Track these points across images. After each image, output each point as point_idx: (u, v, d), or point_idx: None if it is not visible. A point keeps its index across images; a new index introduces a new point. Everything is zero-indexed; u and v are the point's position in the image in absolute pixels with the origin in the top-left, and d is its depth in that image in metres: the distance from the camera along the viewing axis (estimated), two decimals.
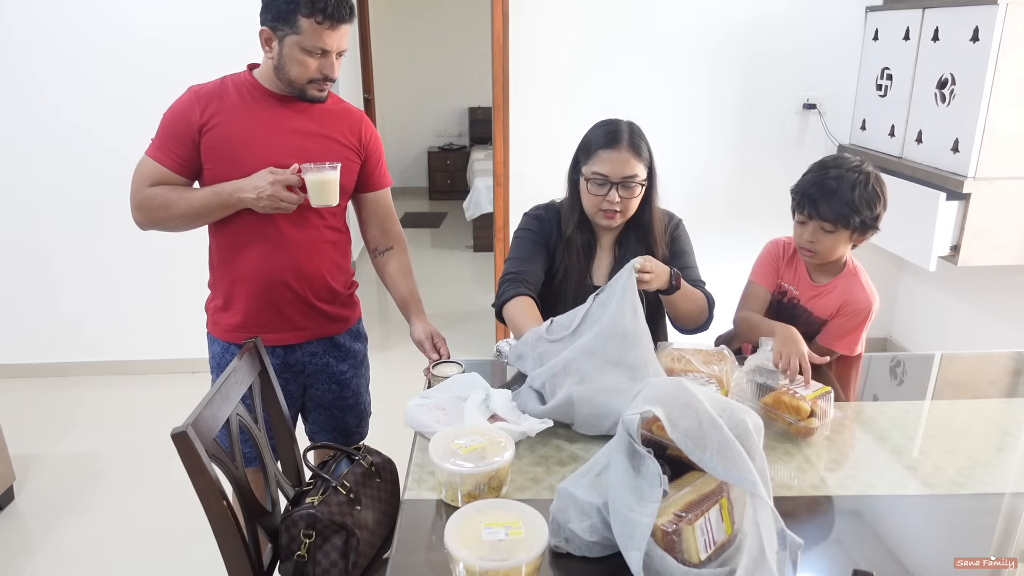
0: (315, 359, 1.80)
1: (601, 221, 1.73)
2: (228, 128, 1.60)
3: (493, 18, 3.25)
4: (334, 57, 1.59)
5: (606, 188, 1.67)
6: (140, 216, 1.64)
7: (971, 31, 2.65)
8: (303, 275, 1.71)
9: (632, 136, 1.68)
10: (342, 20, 1.54)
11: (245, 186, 1.56)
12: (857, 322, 1.77)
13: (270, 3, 1.54)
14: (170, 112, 1.63)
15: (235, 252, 1.69)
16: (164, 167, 1.60)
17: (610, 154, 1.66)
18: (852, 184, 1.65)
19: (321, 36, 1.53)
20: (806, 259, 1.78)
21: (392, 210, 1.90)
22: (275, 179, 1.53)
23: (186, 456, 1.18)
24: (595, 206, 1.71)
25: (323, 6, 1.50)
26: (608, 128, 1.70)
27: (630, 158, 1.66)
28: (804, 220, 1.72)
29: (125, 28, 3.19)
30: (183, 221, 1.63)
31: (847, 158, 1.73)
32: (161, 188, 1.60)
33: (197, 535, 1.63)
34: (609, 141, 1.67)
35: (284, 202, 1.55)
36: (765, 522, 0.98)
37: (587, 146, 1.71)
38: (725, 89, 3.42)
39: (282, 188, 1.54)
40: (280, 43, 1.56)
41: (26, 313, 3.53)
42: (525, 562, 0.98)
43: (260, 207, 1.56)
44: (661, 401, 1.04)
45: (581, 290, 1.77)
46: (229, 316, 1.74)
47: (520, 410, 1.47)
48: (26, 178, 3.33)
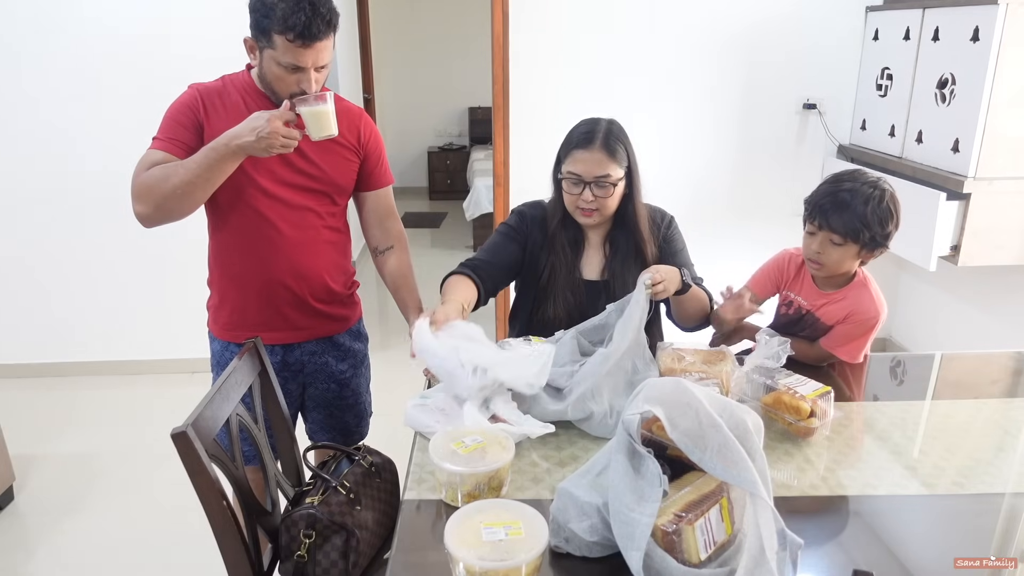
0: (314, 358, 1.80)
1: (579, 219, 1.75)
2: (229, 127, 1.59)
3: (493, 18, 3.25)
4: (311, 72, 1.53)
5: (580, 187, 1.69)
6: (140, 205, 1.54)
7: (971, 31, 2.65)
8: (301, 275, 1.70)
9: (607, 137, 1.68)
10: (314, 38, 1.47)
11: (242, 131, 1.46)
12: (862, 330, 1.75)
13: (251, 14, 1.51)
14: (173, 107, 1.62)
15: (233, 251, 1.69)
16: (169, 154, 1.56)
17: (584, 154, 1.67)
18: (866, 199, 1.62)
19: (294, 53, 1.48)
20: (813, 271, 1.76)
21: (393, 209, 1.89)
22: (272, 115, 1.45)
23: (186, 456, 1.18)
24: (572, 204, 1.73)
25: (293, 24, 1.44)
26: (585, 128, 1.71)
27: (603, 158, 1.66)
28: (814, 231, 1.69)
29: (123, 28, 3.19)
30: (184, 189, 1.51)
31: (864, 172, 1.70)
32: (156, 167, 1.53)
33: (197, 535, 1.63)
34: (584, 141, 1.68)
35: (286, 138, 1.46)
36: (765, 522, 0.98)
37: (566, 145, 1.73)
38: (725, 89, 3.42)
39: (281, 124, 1.45)
40: (260, 55, 1.55)
41: (26, 313, 3.53)
42: (525, 562, 0.98)
43: (261, 148, 1.46)
44: (661, 401, 1.04)
45: (571, 285, 1.78)
46: (227, 315, 1.74)
47: (523, 411, 1.47)
48: (26, 178, 3.33)
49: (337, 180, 1.71)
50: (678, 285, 1.65)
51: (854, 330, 1.75)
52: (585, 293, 1.79)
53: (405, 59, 7.41)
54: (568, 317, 1.76)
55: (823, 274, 1.75)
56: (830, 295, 1.78)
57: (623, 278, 1.77)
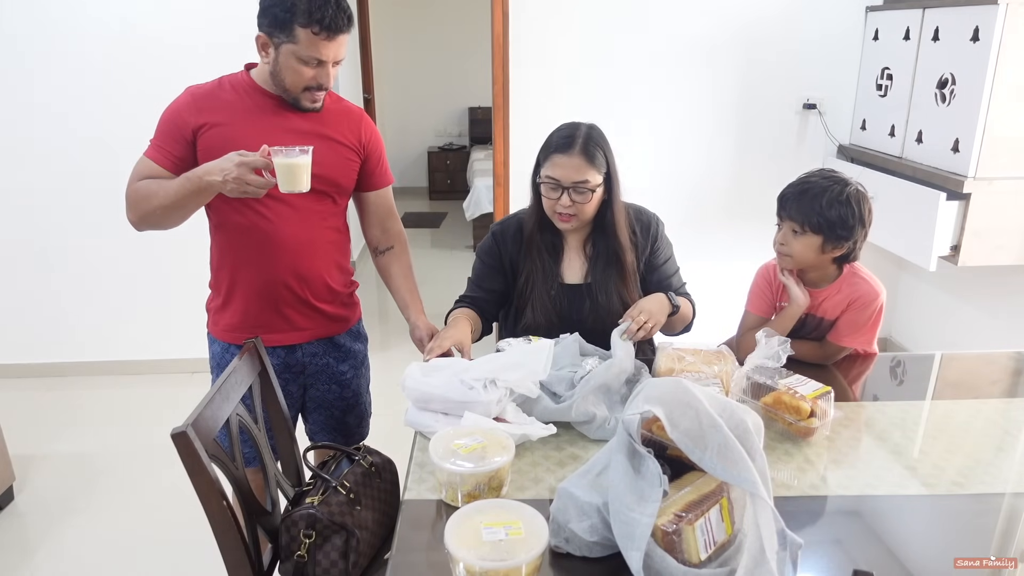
0: (315, 359, 1.80)
1: (557, 223, 1.75)
2: (225, 129, 1.59)
3: (493, 18, 3.25)
4: (330, 66, 1.57)
5: (558, 192, 1.68)
6: (130, 213, 1.61)
7: (971, 31, 2.65)
8: (302, 275, 1.70)
9: (586, 142, 1.67)
10: (339, 31, 1.52)
11: (213, 168, 1.47)
12: (868, 315, 1.77)
13: (267, 9, 1.52)
14: (167, 112, 1.62)
15: (235, 252, 1.69)
16: (158, 165, 1.59)
17: (563, 159, 1.66)
18: (824, 190, 1.69)
19: (317, 46, 1.51)
20: (782, 265, 1.81)
21: (393, 209, 1.89)
22: (241, 161, 1.44)
23: (186, 456, 1.18)
24: (550, 209, 1.73)
25: (320, 16, 1.47)
26: (565, 132, 1.70)
27: (582, 164, 1.66)
28: (779, 222, 1.78)
29: (125, 27, 3.19)
30: (163, 211, 1.56)
31: (835, 172, 1.76)
32: (145, 181, 1.58)
33: (197, 535, 1.63)
34: (563, 146, 1.67)
35: (250, 186, 1.46)
36: (765, 522, 0.98)
37: (545, 149, 1.72)
38: (725, 89, 3.42)
39: (248, 171, 1.44)
40: (276, 50, 1.54)
41: (26, 313, 3.53)
42: (525, 562, 0.98)
43: (227, 190, 1.47)
44: (661, 401, 1.04)
45: (549, 289, 1.77)
46: (228, 316, 1.74)
47: (525, 412, 1.48)
48: (26, 178, 3.34)
49: (339, 180, 1.71)
50: (668, 310, 1.69)
51: (859, 317, 1.77)
52: (566, 297, 1.79)
53: (405, 59, 7.41)
54: (548, 323, 1.76)
55: (790, 266, 1.79)
56: (824, 292, 1.79)
57: (604, 283, 1.77)
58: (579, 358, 1.60)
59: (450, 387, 1.41)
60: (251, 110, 1.62)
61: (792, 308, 1.78)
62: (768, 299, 1.89)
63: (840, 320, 1.79)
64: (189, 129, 1.59)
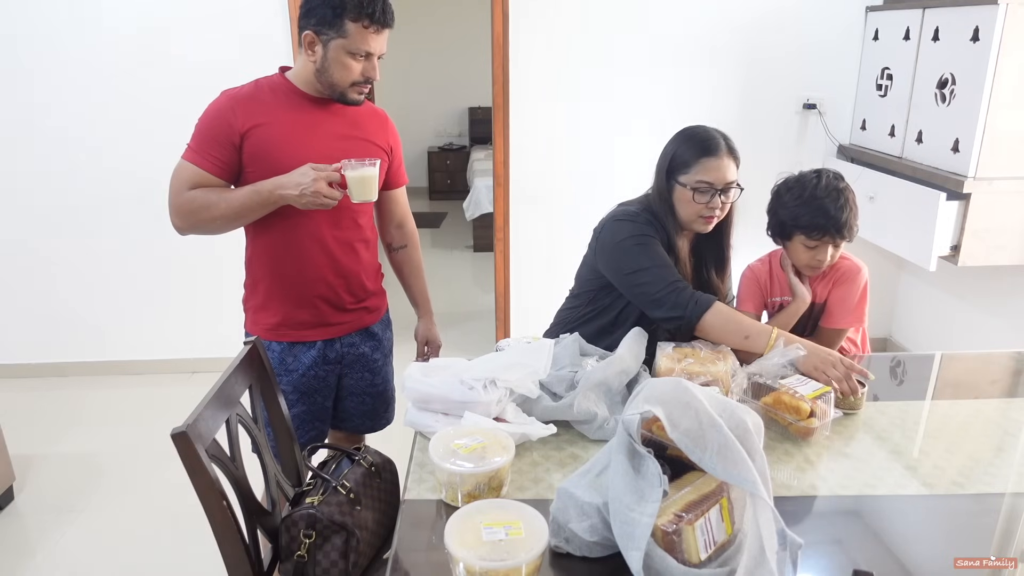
0: (352, 349, 1.84)
1: (698, 227, 1.74)
2: (270, 130, 1.61)
3: (493, 18, 3.25)
4: (376, 60, 1.61)
5: (709, 195, 1.68)
6: (180, 220, 1.63)
7: (971, 31, 2.65)
8: (342, 273, 1.75)
9: (728, 142, 1.72)
10: (386, 24, 1.58)
11: (287, 183, 1.54)
12: (854, 290, 1.84)
13: (315, 8, 1.55)
14: (207, 116, 1.62)
15: (277, 252, 1.71)
16: (203, 170, 1.60)
17: (714, 161, 1.68)
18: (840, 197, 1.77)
19: (367, 40, 1.56)
20: (811, 274, 1.86)
21: (408, 208, 1.98)
22: (318, 175, 1.53)
23: (186, 456, 1.18)
24: (695, 213, 1.71)
25: (371, 11, 1.54)
26: (704, 135, 1.73)
27: (731, 164, 1.70)
28: (815, 244, 1.79)
29: (127, 29, 3.18)
30: (224, 221, 1.61)
31: (807, 175, 1.83)
32: (200, 190, 1.60)
33: (197, 535, 1.63)
34: (712, 148, 1.70)
35: (327, 198, 1.54)
36: (765, 522, 0.98)
37: (683, 157, 1.71)
38: (725, 89, 3.42)
39: (324, 184, 1.53)
40: (324, 47, 1.57)
41: (26, 313, 3.53)
42: (525, 562, 0.98)
43: (302, 204, 1.55)
44: (661, 401, 1.04)
45: None
46: (269, 315, 1.76)
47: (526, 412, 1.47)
48: (26, 178, 3.33)
49: None
50: None
51: (846, 293, 1.85)
52: None
53: (405, 59, 7.40)
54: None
55: (818, 273, 1.86)
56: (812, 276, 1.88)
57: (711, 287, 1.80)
58: (579, 358, 1.61)
59: (450, 387, 1.42)
60: (292, 113, 1.64)
61: (798, 304, 1.83)
62: (759, 296, 1.94)
63: (829, 300, 1.86)
64: (236, 133, 1.59)
